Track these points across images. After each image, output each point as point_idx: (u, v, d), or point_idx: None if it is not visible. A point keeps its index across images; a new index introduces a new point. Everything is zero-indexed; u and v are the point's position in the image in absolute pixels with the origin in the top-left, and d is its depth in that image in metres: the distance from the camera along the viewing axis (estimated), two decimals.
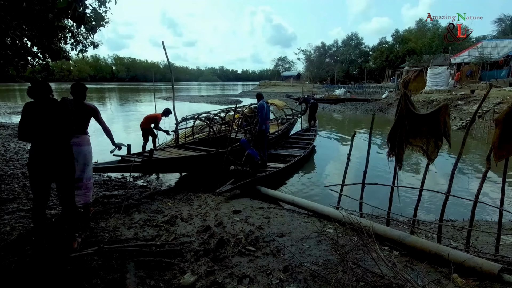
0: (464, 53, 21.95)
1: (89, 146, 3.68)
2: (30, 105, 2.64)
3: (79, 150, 3.50)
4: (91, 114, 3.65)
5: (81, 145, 3.54)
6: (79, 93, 3.56)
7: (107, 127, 3.84)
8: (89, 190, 3.74)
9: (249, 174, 5.34)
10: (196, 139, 7.66)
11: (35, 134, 2.67)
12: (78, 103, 3.54)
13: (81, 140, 3.54)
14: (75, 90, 3.55)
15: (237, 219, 3.85)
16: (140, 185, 5.92)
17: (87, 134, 3.71)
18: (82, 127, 3.59)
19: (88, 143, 3.66)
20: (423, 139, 2.79)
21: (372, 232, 2.34)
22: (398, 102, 2.97)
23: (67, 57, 6.72)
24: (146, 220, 3.88)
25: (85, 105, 3.60)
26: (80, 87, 3.58)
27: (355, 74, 48.49)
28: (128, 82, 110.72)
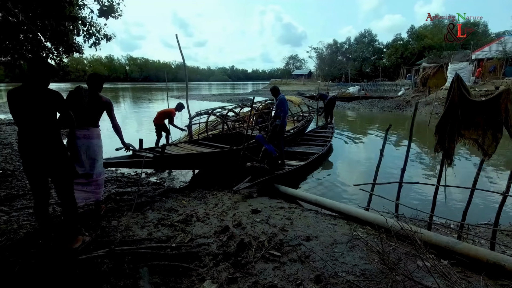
0: (485, 48, 21.01)
1: (99, 140, 3.44)
2: (12, 92, 2.37)
3: (88, 144, 3.28)
4: (104, 107, 3.42)
5: (90, 138, 3.31)
6: (95, 84, 3.36)
7: (117, 125, 3.62)
8: (99, 187, 3.51)
9: (266, 171, 5.04)
10: (209, 135, 7.42)
11: (18, 124, 2.43)
12: (93, 94, 3.32)
13: (91, 133, 3.31)
14: (92, 80, 3.35)
15: (257, 220, 3.55)
16: (154, 182, 5.70)
17: (98, 127, 3.49)
18: (94, 119, 3.37)
19: (98, 136, 3.42)
20: (479, 131, 2.42)
21: (423, 240, 1.99)
22: (449, 89, 2.61)
23: (80, 50, 6.59)
24: (160, 219, 3.63)
25: (100, 97, 3.37)
26: (96, 78, 3.40)
27: (368, 72, 47.44)
28: (141, 82, 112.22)
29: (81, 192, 3.36)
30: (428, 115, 14.88)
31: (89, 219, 3.46)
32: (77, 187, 3.32)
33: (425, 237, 2.63)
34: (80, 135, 3.23)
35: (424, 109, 15.91)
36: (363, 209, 3.66)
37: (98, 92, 3.42)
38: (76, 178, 3.30)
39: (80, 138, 3.23)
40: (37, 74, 2.40)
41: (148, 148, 5.71)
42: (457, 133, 2.52)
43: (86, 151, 3.27)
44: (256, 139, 5.20)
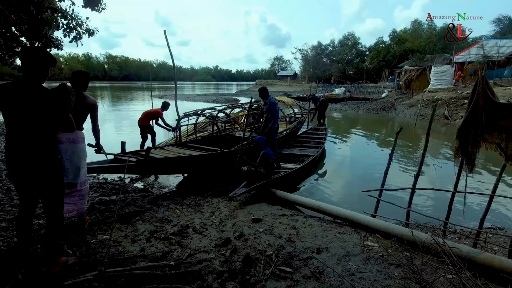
0: (465, 52, 21.80)
1: (84, 144, 3.09)
2: (2, 88, 2.00)
3: (73, 148, 2.92)
4: (89, 109, 3.09)
5: (76, 142, 2.95)
6: (80, 83, 3.05)
7: (98, 128, 3.32)
8: (84, 197, 3.13)
9: (263, 176, 4.81)
10: (198, 137, 7.09)
11: (7, 125, 2.08)
12: (77, 93, 2.95)
13: (76, 137, 2.95)
14: (76, 78, 3.03)
15: (259, 230, 3.30)
16: (140, 188, 5.31)
17: (82, 129, 3.12)
18: (79, 121, 2.99)
19: (83, 140, 3.07)
20: (502, 134, 2.30)
21: (454, 254, 1.81)
22: (473, 90, 2.47)
23: (59, 46, 6.09)
24: (152, 231, 3.30)
25: (85, 97, 3.03)
26: (82, 76, 3.08)
27: (352, 74, 48.31)
28: (120, 81, 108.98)
29: (64, 204, 2.98)
30: (413, 116, 15.20)
31: (72, 234, 3.08)
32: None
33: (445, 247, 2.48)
34: (64, 139, 2.85)
35: (408, 111, 16.25)
36: (369, 215, 3.49)
37: (83, 91, 3.08)
38: None
39: (63, 142, 2.84)
40: (31, 65, 2.04)
41: (131, 151, 5.32)
42: (479, 137, 2.39)
43: (70, 157, 2.89)
44: (255, 141, 4.94)
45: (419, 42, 38.80)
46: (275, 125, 5.68)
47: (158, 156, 4.99)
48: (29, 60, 2.03)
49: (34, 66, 2.04)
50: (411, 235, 2.57)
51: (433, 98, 15.20)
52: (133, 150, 5.44)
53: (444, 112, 13.88)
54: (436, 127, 13.18)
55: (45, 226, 3.19)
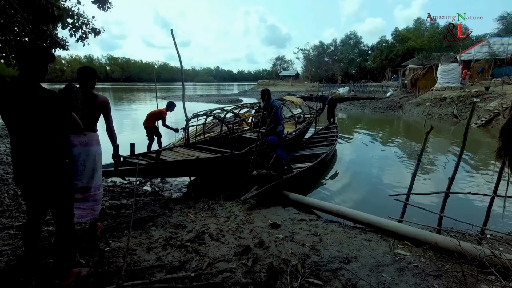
0: (470, 50, 21.56)
1: (99, 147, 2.93)
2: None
3: (87, 152, 2.77)
4: (101, 108, 2.88)
5: (89, 145, 2.80)
6: (88, 80, 2.81)
7: (113, 128, 3.07)
8: (98, 203, 2.98)
9: (274, 177, 4.62)
10: (207, 138, 6.92)
11: (9, 131, 1.92)
12: (86, 92, 2.78)
13: (89, 139, 2.79)
14: (83, 76, 2.79)
15: (280, 237, 3.13)
16: (151, 191, 5.15)
17: (97, 131, 2.96)
18: (91, 123, 2.84)
19: (97, 142, 2.91)
20: None
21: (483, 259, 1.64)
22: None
23: (64, 46, 5.94)
24: (167, 238, 3.14)
25: (95, 96, 2.83)
26: (89, 72, 2.83)
27: (354, 74, 48.08)
28: (122, 82, 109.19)
29: (77, 209, 2.83)
30: (421, 115, 15.01)
31: (84, 242, 2.93)
32: None
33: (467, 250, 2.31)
34: (77, 142, 2.71)
35: (415, 110, 16.04)
36: (395, 221, 3.31)
37: (92, 89, 2.86)
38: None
39: (76, 145, 2.71)
40: (27, 61, 1.85)
41: (140, 153, 5.17)
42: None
43: (84, 160, 2.75)
44: (268, 142, 4.76)
45: (422, 41, 38.60)
46: (280, 127, 5.49)
47: (169, 159, 4.83)
48: (25, 56, 1.83)
49: (30, 63, 1.84)
50: (449, 244, 2.39)
51: (440, 96, 14.99)
52: (142, 152, 5.28)
53: (453, 111, 13.67)
54: (445, 126, 12.98)
55: (55, 235, 3.05)
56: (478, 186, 5.63)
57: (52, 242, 2.92)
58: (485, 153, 8.22)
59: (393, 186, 5.63)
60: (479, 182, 5.90)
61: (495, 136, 10.30)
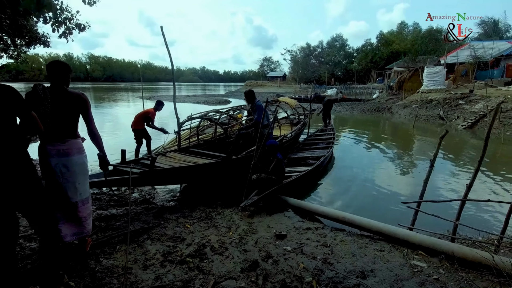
0: (453, 53, 22.19)
1: (81, 156, 2.51)
2: None
3: (66, 162, 2.39)
4: (78, 106, 2.43)
5: (68, 154, 2.39)
6: (60, 76, 2.37)
7: (96, 130, 2.60)
8: (87, 218, 2.65)
9: (274, 182, 4.43)
10: (201, 141, 6.66)
11: None
12: (58, 91, 2.35)
13: (68, 147, 2.40)
14: (54, 71, 2.35)
15: (288, 249, 2.93)
16: (142, 199, 4.83)
17: (79, 137, 2.56)
18: (69, 127, 2.44)
19: (79, 151, 2.50)
20: None
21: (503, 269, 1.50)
22: None
23: (46, 43, 5.52)
24: (165, 252, 2.88)
25: (69, 93, 2.38)
26: (60, 67, 2.39)
27: (340, 76, 48.73)
28: (104, 81, 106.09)
29: (67, 226, 2.52)
30: (408, 117, 15.27)
31: (72, 260, 2.62)
32: (61, 222, 2.49)
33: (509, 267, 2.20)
34: (53, 151, 2.33)
35: (402, 111, 16.32)
36: (405, 228, 3.19)
37: (66, 86, 2.42)
38: (57, 209, 2.46)
39: (53, 155, 2.33)
40: None
41: (131, 160, 4.84)
42: None
43: (63, 173, 2.38)
44: (268, 145, 4.57)
45: (405, 44, 39.61)
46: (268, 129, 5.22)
47: (163, 166, 4.54)
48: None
49: None
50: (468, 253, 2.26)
51: (427, 98, 15.31)
52: (133, 159, 4.97)
53: (439, 113, 13.95)
54: (431, 127, 13.23)
55: (38, 252, 2.72)
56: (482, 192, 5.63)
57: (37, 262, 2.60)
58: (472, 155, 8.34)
59: (394, 191, 5.52)
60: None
61: (481, 138, 10.57)
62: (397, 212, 4.51)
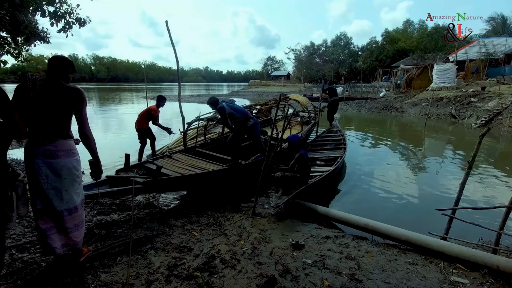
0: (462, 51, 21.67)
1: (72, 159, 2.21)
2: None
3: (50, 165, 2.10)
4: (72, 102, 2.14)
5: (55, 157, 2.11)
6: (57, 70, 2.15)
7: (89, 132, 2.26)
8: (74, 229, 2.31)
9: (300, 181, 4.09)
10: (208, 140, 6.37)
11: None
12: (52, 84, 2.09)
13: (56, 148, 2.11)
14: (51, 64, 2.14)
15: (307, 262, 2.62)
16: (145, 203, 4.53)
17: (70, 137, 2.25)
18: (60, 124, 2.15)
19: (68, 153, 2.19)
20: None
21: None
22: None
23: (45, 39, 5.26)
24: (171, 265, 2.58)
25: (64, 87, 2.12)
26: (59, 60, 2.17)
27: (345, 74, 48.22)
28: (108, 82, 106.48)
29: (58, 237, 2.23)
30: (418, 115, 14.84)
31: (66, 274, 2.33)
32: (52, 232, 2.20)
33: None
34: (39, 152, 2.07)
35: (412, 110, 15.88)
36: (438, 238, 2.86)
37: (63, 81, 2.17)
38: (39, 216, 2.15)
39: (38, 156, 2.07)
40: None
41: (134, 165, 4.54)
42: None
43: (47, 176, 2.09)
44: (289, 140, 4.25)
45: (411, 42, 38.99)
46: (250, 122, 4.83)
47: (169, 172, 4.25)
48: None
49: None
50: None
51: (437, 96, 14.86)
52: (137, 163, 4.68)
53: (451, 111, 13.51)
54: (443, 126, 12.80)
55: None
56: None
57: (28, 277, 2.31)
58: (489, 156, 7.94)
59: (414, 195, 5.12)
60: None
61: (496, 137, 10.15)
62: (422, 219, 4.15)
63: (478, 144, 2.66)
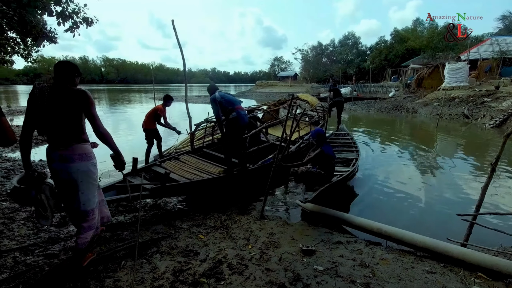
0: (473, 49, 21.14)
1: (86, 163, 2.23)
2: None
3: (63, 169, 2.16)
4: (79, 103, 2.16)
5: (68, 161, 2.15)
6: (64, 75, 2.19)
7: (103, 129, 2.27)
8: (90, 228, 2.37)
9: (323, 178, 3.93)
10: (215, 140, 6.31)
11: None
12: (60, 90, 2.13)
13: (70, 153, 2.16)
14: (57, 69, 2.19)
15: (319, 269, 2.49)
16: (152, 204, 4.46)
17: (85, 142, 2.26)
18: (73, 129, 2.18)
19: (83, 157, 2.21)
20: None
21: None
22: None
23: (53, 39, 5.26)
24: (176, 270, 2.49)
25: (70, 90, 2.15)
26: (64, 66, 2.21)
27: (353, 74, 47.72)
28: (118, 83, 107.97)
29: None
30: (429, 116, 14.50)
31: (68, 279, 2.27)
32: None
33: None
34: (56, 156, 2.16)
35: (423, 110, 15.54)
36: (457, 244, 2.70)
37: (71, 86, 2.20)
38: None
39: (56, 161, 2.17)
40: None
41: (142, 167, 4.48)
42: None
43: (64, 179, 2.18)
44: (314, 134, 4.13)
45: (421, 41, 38.30)
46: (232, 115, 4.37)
47: (176, 176, 4.20)
48: None
49: None
50: None
51: (449, 96, 14.49)
52: (144, 166, 4.63)
53: (463, 111, 13.15)
54: (455, 126, 12.46)
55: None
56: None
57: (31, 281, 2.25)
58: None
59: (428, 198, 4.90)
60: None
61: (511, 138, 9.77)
62: (439, 224, 3.97)
63: (503, 146, 2.50)
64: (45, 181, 2.24)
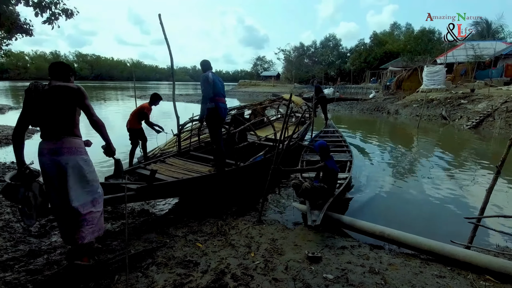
0: (449, 53, 22.11)
1: (77, 156, 2.23)
2: None
3: (59, 162, 2.14)
4: (73, 98, 2.22)
5: (62, 154, 2.15)
6: (59, 74, 2.30)
7: (98, 119, 2.30)
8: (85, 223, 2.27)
9: (327, 192, 3.80)
10: (202, 142, 6.08)
11: None
12: (53, 86, 2.19)
13: (59, 146, 2.16)
14: (52, 68, 2.32)
15: (329, 277, 2.39)
16: (140, 209, 4.18)
17: (76, 136, 2.27)
18: (65, 122, 2.21)
19: (72, 151, 2.21)
20: None
21: None
22: None
23: (28, 31, 4.83)
24: (176, 284, 2.30)
25: (64, 86, 2.21)
26: (57, 65, 2.34)
27: (333, 76, 48.60)
28: (92, 80, 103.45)
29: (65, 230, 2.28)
30: (409, 117, 14.97)
31: None
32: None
33: None
34: (45, 149, 2.16)
35: (403, 111, 16.01)
36: (462, 247, 2.69)
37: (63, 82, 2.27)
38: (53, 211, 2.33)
39: (45, 154, 2.15)
40: None
41: (126, 169, 4.19)
42: None
43: (53, 173, 2.14)
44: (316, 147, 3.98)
45: (398, 45, 39.67)
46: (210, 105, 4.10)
47: (163, 177, 3.94)
48: None
49: None
50: None
51: (427, 98, 15.03)
52: (128, 168, 4.34)
53: (441, 113, 13.69)
54: (433, 127, 12.94)
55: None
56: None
57: None
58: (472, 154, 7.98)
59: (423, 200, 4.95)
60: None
61: (487, 138, 10.27)
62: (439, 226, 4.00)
63: (508, 148, 2.51)
64: (36, 179, 2.23)
